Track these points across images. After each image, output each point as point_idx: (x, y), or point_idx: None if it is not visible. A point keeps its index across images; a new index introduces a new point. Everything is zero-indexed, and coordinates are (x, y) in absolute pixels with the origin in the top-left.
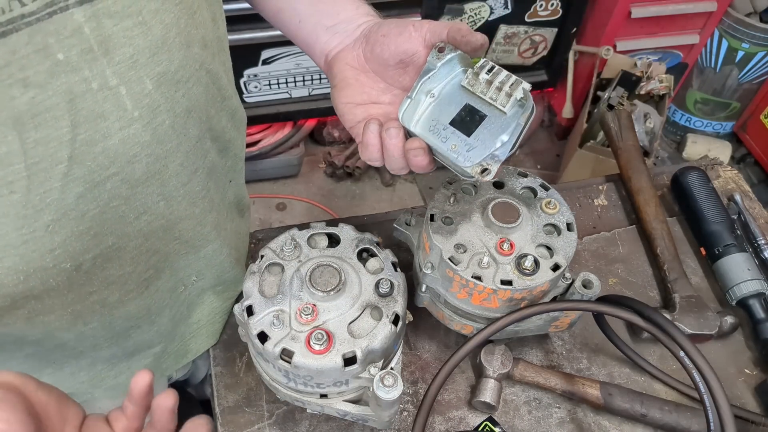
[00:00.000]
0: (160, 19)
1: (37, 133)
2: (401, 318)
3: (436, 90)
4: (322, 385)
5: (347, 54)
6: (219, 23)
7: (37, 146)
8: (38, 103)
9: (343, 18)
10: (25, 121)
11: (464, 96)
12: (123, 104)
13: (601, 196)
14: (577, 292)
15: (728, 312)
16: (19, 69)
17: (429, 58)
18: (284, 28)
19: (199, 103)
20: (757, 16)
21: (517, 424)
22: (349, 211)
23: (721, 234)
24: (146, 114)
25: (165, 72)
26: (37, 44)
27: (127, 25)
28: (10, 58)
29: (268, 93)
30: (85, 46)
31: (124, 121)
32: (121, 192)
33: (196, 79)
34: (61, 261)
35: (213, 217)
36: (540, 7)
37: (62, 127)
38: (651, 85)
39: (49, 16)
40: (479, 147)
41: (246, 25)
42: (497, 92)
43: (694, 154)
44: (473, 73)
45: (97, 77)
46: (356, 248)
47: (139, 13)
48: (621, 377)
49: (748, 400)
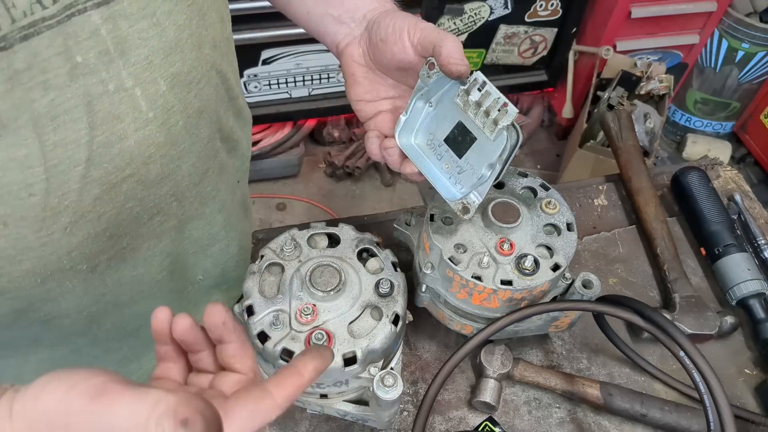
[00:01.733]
0: (173, 21)
1: (56, 136)
2: (401, 318)
3: (433, 99)
4: (322, 385)
5: (354, 50)
6: (226, 24)
7: (56, 148)
8: (57, 105)
9: (348, 6)
10: (45, 123)
11: (457, 112)
12: (138, 105)
13: (601, 196)
14: (577, 292)
15: (728, 312)
16: (41, 72)
17: (420, 73)
18: (295, 19)
19: (210, 104)
20: (757, 16)
21: (517, 424)
22: (349, 211)
23: (721, 234)
24: (160, 115)
25: (178, 73)
26: (57, 47)
27: (142, 26)
28: (32, 61)
29: (268, 93)
30: (102, 48)
31: (139, 123)
32: (137, 193)
33: (207, 79)
34: (78, 263)
35: (222, 216)
36: (540, 7)
37: (80, 129)
38: (651, 85)
39: (68, 18)
40: (467, 172)
41: (246, 25)
42: (485, 117)
43: (694, 154)
44: (464, 91)
45: (113, 79)
46: (356, 248)
47: (153, 14)
48: (621, 377)
49: (748, 400)
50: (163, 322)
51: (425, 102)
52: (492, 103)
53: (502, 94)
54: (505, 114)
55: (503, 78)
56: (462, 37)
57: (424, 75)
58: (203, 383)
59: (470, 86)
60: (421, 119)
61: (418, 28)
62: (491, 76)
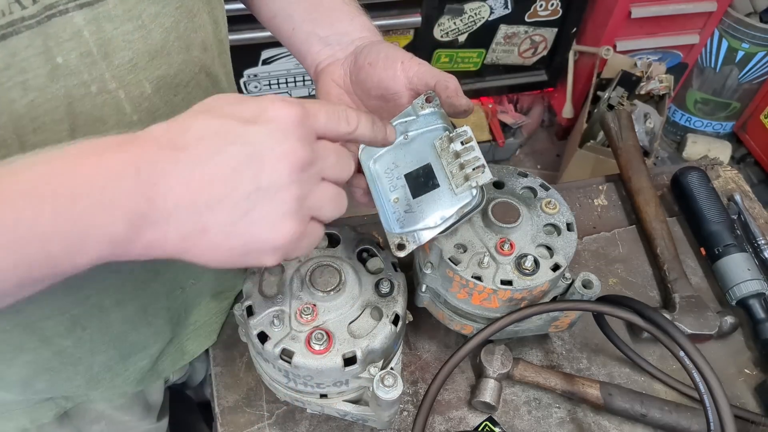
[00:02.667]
0: (159, 23)
1: (36, 137)
2: (401, 318)
3: (411, 133)
4: (322, 385)
5: (335, 70)
6: (220, 26)
7: (36, 149)
8: (37, 106)
9: (338, 30)
10: (25, 124)
11: (430, 154)
12: (122, 108)
13: (601, 196)
14: (577, 292)
15: (728, 312)
16: (19, 72)
17: (414, 102)
18: (278, 33)
19: None
20: (757, 16)
21: (517, 424)
22: (349, 211)
23: (721, 234)
24: (145, 118)
25: (164, 76)
26: (37, 47)
27: (127, 28)
28: (10, 61)
29: (267, 93)
30: (84, 49)
31: (123, 125)
32: None
33: (196, 82)
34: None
35: None
36: (540, 7)
37: (62, 131)
38: (651, 85)
39: (48, 19)
40: (415, 214)
41: (246, 25)
42: (458, 169)
43: (694, 154)
44: (447, 138)
45: (96, 81)
46: (356, 248)
47: (139, 17)
48: (621, 377)
49: (748, 400)
50: None
51: (402, 133)
52: (471, 159)
53: (483, 157)
54: (480, 174)
55: (503, 78)
56: (462, 37)
57: (418, 105)
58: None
59: (456, 136)
60: (389, 147)
61: (416, 62)
62: (491, 76)
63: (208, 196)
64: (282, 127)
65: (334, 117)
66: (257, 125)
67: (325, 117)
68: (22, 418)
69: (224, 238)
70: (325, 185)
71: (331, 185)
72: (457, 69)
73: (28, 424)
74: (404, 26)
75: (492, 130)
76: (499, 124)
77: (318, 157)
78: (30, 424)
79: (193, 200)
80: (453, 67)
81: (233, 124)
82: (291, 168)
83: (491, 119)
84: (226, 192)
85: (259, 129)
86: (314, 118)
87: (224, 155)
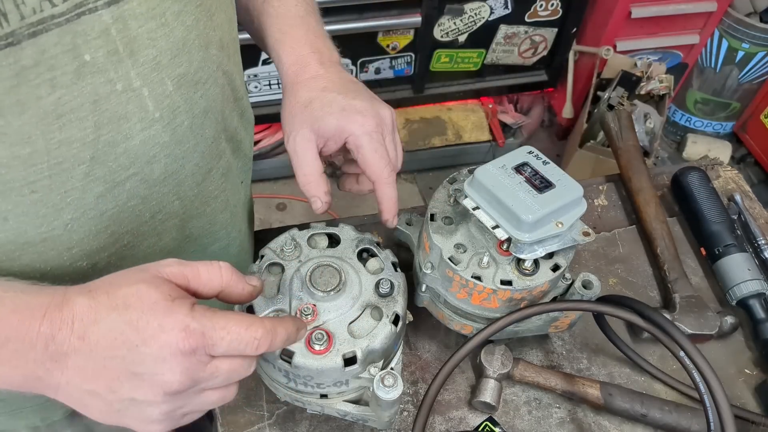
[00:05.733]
0: (181, 21)
1: (62, 134)
2: (401, 318)
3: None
4: (322, 386)
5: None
6: (233, 25)
7: (61, 147)
8: (64, 103)
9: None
10: (51, 121)
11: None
12: (145, 105)
13: (601, 196)
14: (577, 293)
15: (728, 312)
16: (48, 69)
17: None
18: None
19: (215, 104)
20: (757, 16)
21: (517, 424)
22: (349, 211)
23: (721, 234)
24: (167, 115)
25: (185, 73)
26: (65, 45)
27: (151, 26)
28: (39, 58)
29: (268, 93)
30: (111, 47)
31: (145, 123)
32: (139, 192)
33: (214, 80)
34: (78, 259)
35: (225, 216)
36: (540, 7)
37: (86, 128)
38: (651, 85)
39: (78, 17)
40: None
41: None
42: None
43: (694, 154)
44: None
45: (121, 79)
46: (356, 248)
47: (162, 15)
48: (621, 377)
49: (748, 400)
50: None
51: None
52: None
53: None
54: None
55: (503, 78)
56: (462, 37)
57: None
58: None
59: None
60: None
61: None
62: (491, 76)
63: (92, 387)
64: (169, 355)
65: (238, 345)
66: (149, 347)
67: (227, 345)
68: (33, 416)
69: (101, 417)
70: (205, 394)
71: (214, 391)
72: (457, 69)
73: (39, 422)
74: (404, 26)
75: (492, 130)
76: (499, 124)
77: (201, 379)
78: (40, 422)
79: (79, 384)
80: (453, 67)
81: (132, 336)
82: (165, 393)
83: (491, 119)
84: (106, 393)
85: (150, 352)
86: (212, 348)
87: (113, 362)
